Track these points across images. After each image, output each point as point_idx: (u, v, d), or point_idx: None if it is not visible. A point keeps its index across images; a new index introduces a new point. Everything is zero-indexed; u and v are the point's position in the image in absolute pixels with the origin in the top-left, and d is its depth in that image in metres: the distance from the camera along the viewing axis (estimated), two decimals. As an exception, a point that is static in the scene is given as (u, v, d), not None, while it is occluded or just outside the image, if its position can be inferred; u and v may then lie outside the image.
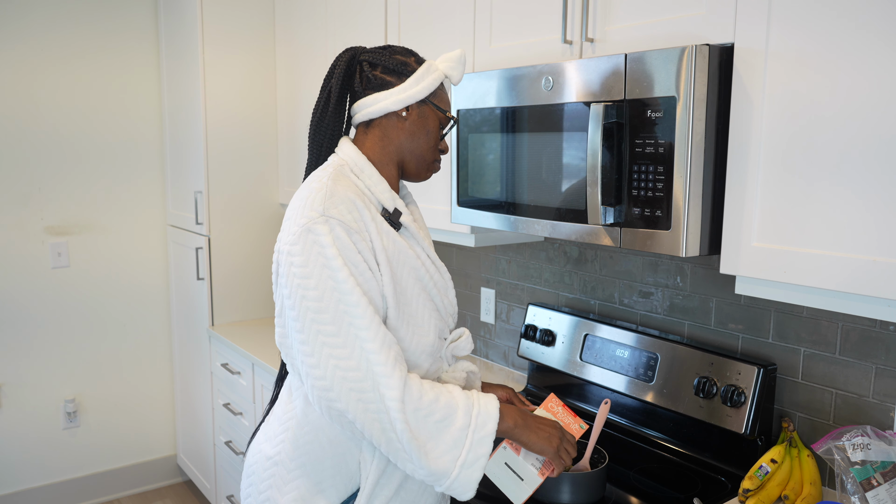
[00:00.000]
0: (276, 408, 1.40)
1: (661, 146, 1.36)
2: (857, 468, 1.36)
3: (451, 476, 1.19)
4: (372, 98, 1.32)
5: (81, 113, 3.20)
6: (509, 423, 1.26)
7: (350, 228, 1.21)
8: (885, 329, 1.46)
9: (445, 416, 1.20)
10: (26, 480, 3.25)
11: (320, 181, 1.26)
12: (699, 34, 1.37)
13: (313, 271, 1.19)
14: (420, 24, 2.16)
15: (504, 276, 2.41)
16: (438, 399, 1.20)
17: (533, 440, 1.27)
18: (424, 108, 1.34)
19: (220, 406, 3.00)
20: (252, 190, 3.15)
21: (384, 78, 1.32)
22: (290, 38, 2.98)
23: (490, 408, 1.23)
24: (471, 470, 1.20)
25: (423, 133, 1.35)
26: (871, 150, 1.15)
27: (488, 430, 1.21)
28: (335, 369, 1.18)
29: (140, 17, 3.29)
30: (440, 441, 1.19)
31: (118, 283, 3.38)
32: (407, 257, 1.29)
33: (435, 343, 1.32)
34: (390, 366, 1.17)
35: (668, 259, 1.88)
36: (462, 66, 1.37)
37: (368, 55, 1.34)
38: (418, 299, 1.30)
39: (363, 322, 1.18)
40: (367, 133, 1.36)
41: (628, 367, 1.85)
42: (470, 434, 1.20)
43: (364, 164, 1.31)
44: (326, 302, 1.18)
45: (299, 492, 1.29)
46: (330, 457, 1.29)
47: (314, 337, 1.19)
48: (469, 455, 1.19)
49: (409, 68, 1.33)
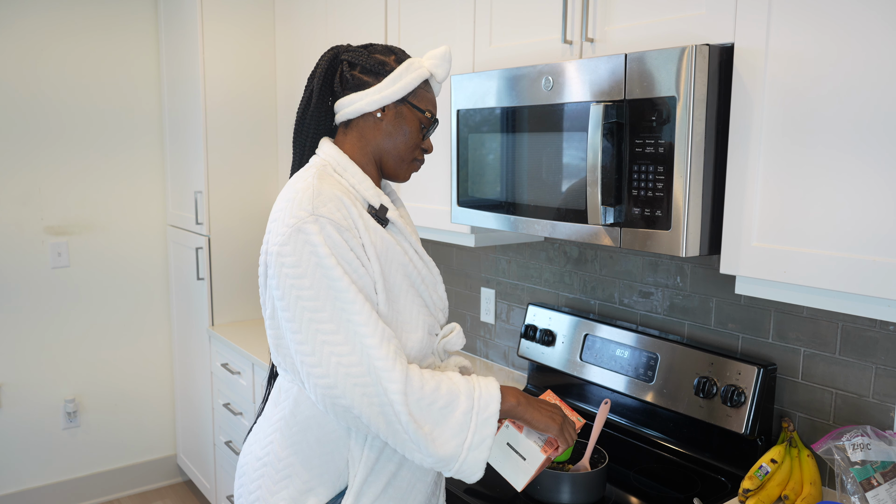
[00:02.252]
0: (266, 409, 1.40)
1: (661, 146, 1.36)
2: (857, 468, 1.36)
3: (460, 459, 1.20)
4: (349, 99, 1.32)
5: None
6: (512, 402, 1.26)
7: (340, 226, 1.21)
8: (885, 329, 1.46)
9: (449, 402, 1.21)
10: (26, 480, 3.25)
11: (305, 181, 1.26)
12: (699, 34, 1.37)
13: (307, 271, 1.19)
14: (420, 25, 2.16)
15: (504, 276, 2.41)
16: (440, 387, 1.21)
17: (536, 417, 1.27)
18: (402, 107, 1.33)
19: (220, 406, 3.00)
20: (252, 190, 3.15)
21: (361, 78, 1.32)
22: (289, 31, 2.99)
23: (492, 389, 1.24)
24: (477, 451, 1.21)
25: (401, 133, 1.34)
26: (872, 150, 1.15)
27: (491, 410, 1.22)
28: (338, 366, 1.18)
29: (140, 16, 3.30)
30: (446, 427, 1.20)
31: (118, 283, 3.38)
32: (395, 253, 1.29)
33: (424, 339, 1.31)
34: (391, 359, 1.17)
35: (668, 259, 1.88)
36: (447, 63, 1.35)
37: (349, 55, 1.33)
38: (406, 295, 1.30)
39: (361, 318, 1.18)
40: (346, 133, 1.36)
41: (628, 367, 1.85)
42: (474, 417, 1.21)
43: (346, 162, 1.31)
44: (323, 300, 1.19)
45: (289, 491, 1.30)
46: (318, 455, 1.29)
47: (313, 336, 1.19)
48: (475, 437, 1.20)
49: (387, 68, 1.31)
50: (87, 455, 3.39)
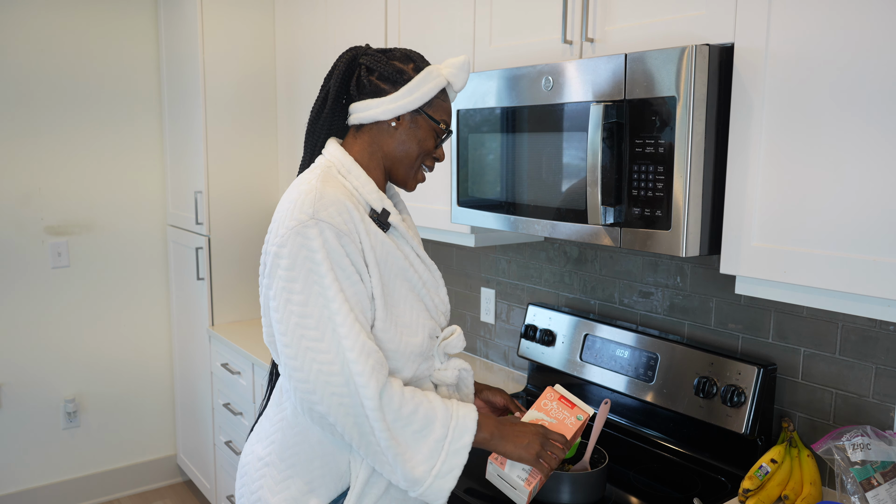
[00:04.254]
0: (268, 408, 1.41)
1: (661, 146, 1.36)
2: (857, 468, 1.36)
3: (425, 484, 1.21)
4: (364, 104, 1.31)
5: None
6: (485, 435, 1.27)
7: (340, 231, 1.21)
8: (885, 329, 1.46)
9: (423, 427, 1.22)
10: (26, 480, 3.25)
11: (308, 183, 1.26)
12: (699, 34, 1.37)
13: (299, 275, 1.19)
14: (420, 26, 2.16)
15: (504, 276, 2.41)
16: (417, 410, 1.22)
17: (510, 450, 1.27)
18: (418, 117, 1.32)
19: (220, 406, 3.00)
20: (252, 190, 3.15)
21: (379, 85, 1.31)
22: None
23: (468, 421, 1.25)
24: (443, 480, 1.22)
25: (414, 142, 1.33)
26: (872, 150, 1.15)
27: (464, 442, 1.23)
28: (318, 373, 1.18)
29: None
30: (417, 451, 1.21)
31: (118, 283, 3.38)
32: (395, 259, 1.29)
33: (424, 343, 1.32)
34: (367, 375, 1.18)
35: (668, 259, 1.88)
36: (465, 73, 1.34)
37: (368, 59, 1.32)
38: (406, 300, 1.30)
39: (344, 329, 1.18)
40: (356, 137, 1.35)
41: (628, 367, 1.85)
42: (446, 446, 1.22)
43: (351, 164, 1.31)
44: (311, 307, 1.19)
45: (290, 492, 1.30)
46: (319, 457, 1.30)
47: (298, 340, 1.19)
48: (443, 466, 1.22)
49: (404, 76, 1.30)
50: (87, 455, 3.39)
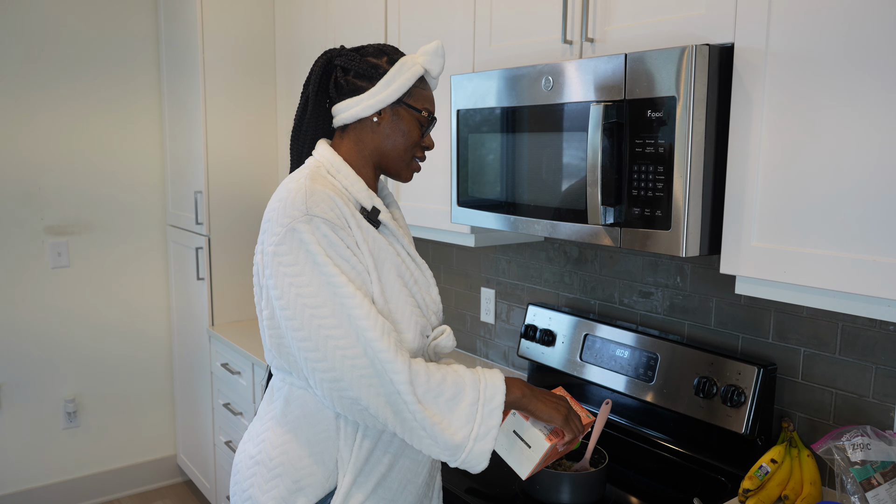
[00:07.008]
0: (260, 408, 1.42)
1: (661, 146, 1.36)
2: (857, 468, 1.36)
3: (467, 449, 1.21)
4: (345, 104, 1.33)
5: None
6: (517, 394, 1.28)
7: (335, 225, 1.22)
8: (885, 329, 1.46)
9: (455, 394, 1.22)
10: (26, 480, 3.25)
11: (297, 181, 1.27)
12: (699, 34, 1.37)
13: (304, 269, 1.20)
14: (421, 26, 2.16)
15: (504, 276, 2.41)
16: (446, 378, 1.23)
17: (541, 408, 1.28)
18: (399, 109, 1.33)
19: (220, 406, 3.00)
20: (252, 190, 3.15)
21: (356, 83, 1.32)
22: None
23: (496, 380, 1.25)
24: (483, 442, 1.22)
25: (399, 134, 1.34)
26: (872, 150, 1.15)
27: (497, 402, 1.23)
28: (342, 359, 1.19)
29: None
30: (454, 417, 1.21)
31: (118, 283, 3.38)
32: (387, 254, 1.30)
33: (415, 339, 1.32)
34: (393, 351, 1.19)
35: (668, 259, 1.88)
36: (440, 58, 1.35)
37: (342, 59, 1.33)
38: (399, 296, 1.31)
39: (360, 312, 1.19)
40: (342, 137, 1.36)
41: (628, 367, 1.85)
42: (480, 408, 1.22)
43: (340, 164, 1.32)
44: (323, 297, 1.19)
45: (279, 490, 1.30)
46: (308, 455, 1.30)
47: (315, 331, 1.19)
48: (481, 428, 1.22)
49: (380, 71, 1.31)
50: (87, 455, 3.39)
